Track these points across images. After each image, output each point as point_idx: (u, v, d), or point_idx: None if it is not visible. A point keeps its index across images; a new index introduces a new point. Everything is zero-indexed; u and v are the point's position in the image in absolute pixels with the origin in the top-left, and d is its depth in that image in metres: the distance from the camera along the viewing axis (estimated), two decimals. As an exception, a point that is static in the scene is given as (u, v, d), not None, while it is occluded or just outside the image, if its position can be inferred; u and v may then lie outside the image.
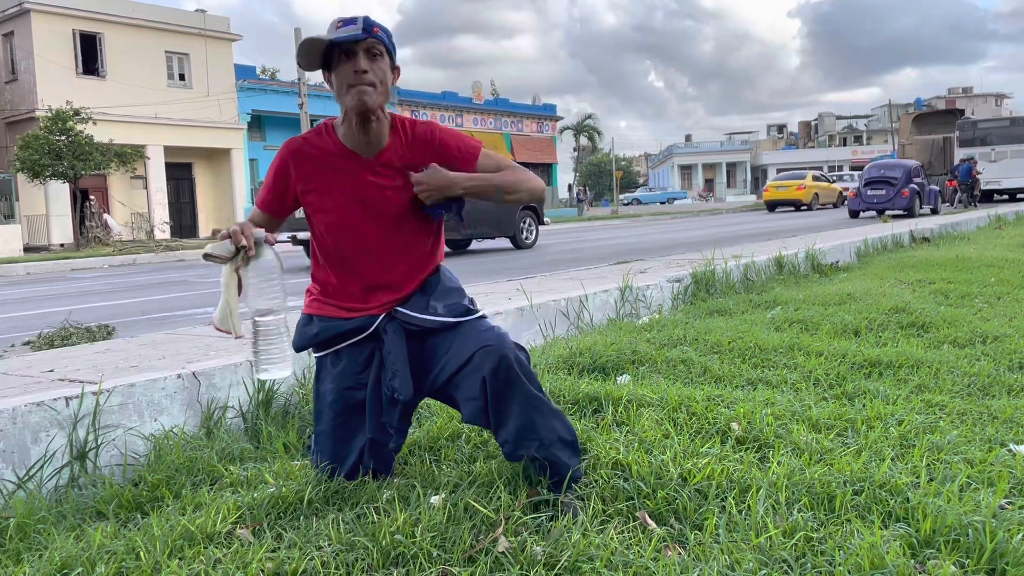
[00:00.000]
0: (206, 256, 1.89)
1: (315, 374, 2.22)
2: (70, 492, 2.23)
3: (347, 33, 2.00)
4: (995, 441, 2.36)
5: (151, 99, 27.02)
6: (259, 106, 31.21)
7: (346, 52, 2.02)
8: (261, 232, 1.93)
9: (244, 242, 1.88)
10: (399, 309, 2.13)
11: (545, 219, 16.08)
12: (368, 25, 2.02)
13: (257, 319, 1.90)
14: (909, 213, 19.06)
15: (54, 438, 2.31)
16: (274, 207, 2.17)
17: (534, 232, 14.70)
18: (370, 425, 2.12)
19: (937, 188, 21.42)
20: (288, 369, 1.94)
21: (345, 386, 2.13)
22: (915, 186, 19.67)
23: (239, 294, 1.95)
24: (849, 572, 1.56)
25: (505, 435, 2.01)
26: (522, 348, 2.08)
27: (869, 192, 19.93)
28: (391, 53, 2.09)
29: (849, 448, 2.27)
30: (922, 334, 3.97)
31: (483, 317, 2.16)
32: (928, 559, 1.63)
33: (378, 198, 2.12)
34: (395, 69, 2.12)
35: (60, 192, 24.53)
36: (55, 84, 24.94)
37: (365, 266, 2.12)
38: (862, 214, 19.90)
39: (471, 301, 2.19)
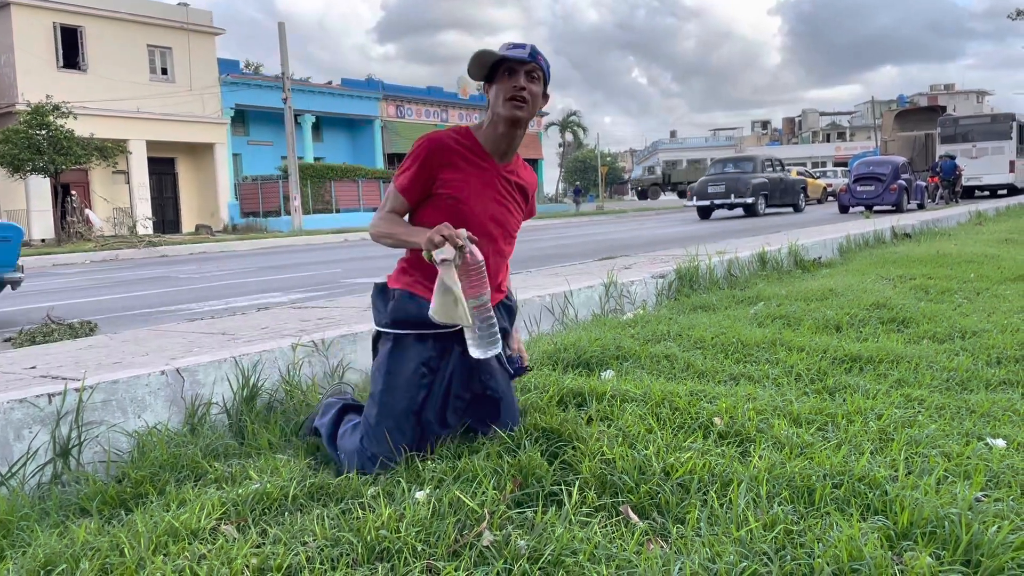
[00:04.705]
0: (443, 261, 2.10)
1: (387, 350, 2.36)
2: (53, 489, 2.23)
3: (516, 54, 2.26)
4: (972, 435, 2.39)
5: (133, 93, 26.79)
6: (242, 100, 31.01)
7: (510, 70, 2.28)
8: (464, 230, 2.14)
9: (461, 242, 2.10)
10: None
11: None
12: (534, 53, 2.29)
13: (477, 307, 2.15)
14: (897, 208, 19.42)
15: (37, 435, 2.30)
16: (416, 195, 2.36)
17: (803, 202, 24.24)
18: (431, 410, 2.33)
19: (924, 184, 21.70)
20: (500, 345, 2.23)
21: (422, 368, 2.32)
22: (903, 182, 20.00)
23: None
24: (828, 564, 1.59)
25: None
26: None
27: (859, 188, 20.27)
28: (546, 82, 2.36)
29: (829, 442, 2.30)
30: (902, 329, 4.01)
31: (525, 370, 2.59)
32: (905, 551, 1.65)
33: (503, 200, 2.39)
34: (545, 96, 2.37)
35: (41, 187, 24.29)
36: (35, 78, 24.69)
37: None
38: (851, 209, 20.19)
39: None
